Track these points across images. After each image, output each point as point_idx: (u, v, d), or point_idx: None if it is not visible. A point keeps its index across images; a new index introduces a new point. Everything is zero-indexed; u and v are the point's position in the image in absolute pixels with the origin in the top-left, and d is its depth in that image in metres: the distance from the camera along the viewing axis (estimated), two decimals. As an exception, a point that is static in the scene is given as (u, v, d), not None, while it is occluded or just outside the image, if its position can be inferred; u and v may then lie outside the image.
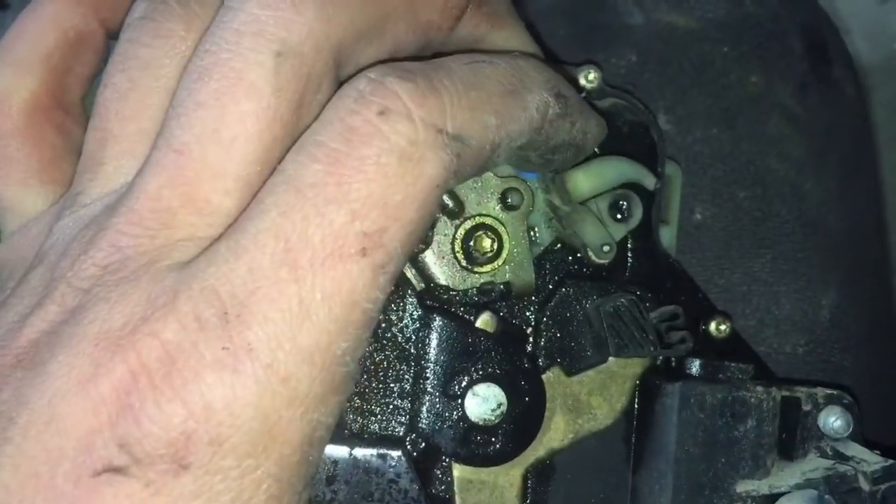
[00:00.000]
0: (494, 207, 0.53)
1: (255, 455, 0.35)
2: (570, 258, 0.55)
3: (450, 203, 0.52)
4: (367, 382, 0.51)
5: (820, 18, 0.71)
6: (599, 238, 0.54)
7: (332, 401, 0.37)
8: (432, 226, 0.53)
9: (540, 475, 0.54)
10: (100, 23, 0.50)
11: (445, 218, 0.53)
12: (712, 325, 0.59)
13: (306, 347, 0.36)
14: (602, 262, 0.55)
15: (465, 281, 0.53)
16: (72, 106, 0.51)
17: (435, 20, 0.44)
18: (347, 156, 0.37)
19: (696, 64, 0.68)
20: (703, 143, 0.67)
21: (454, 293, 0.53)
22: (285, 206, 0.37)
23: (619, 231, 0.55)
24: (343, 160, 0.37)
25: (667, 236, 0.60)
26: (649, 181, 0.56)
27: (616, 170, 0.55)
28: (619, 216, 0.56)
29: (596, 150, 0.54)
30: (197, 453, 0.35)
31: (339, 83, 0.40)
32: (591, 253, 0.54)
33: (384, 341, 0.51)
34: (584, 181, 0.54)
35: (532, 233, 0.54)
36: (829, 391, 0.58)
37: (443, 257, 0.53)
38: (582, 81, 0.57)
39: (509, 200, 0.53)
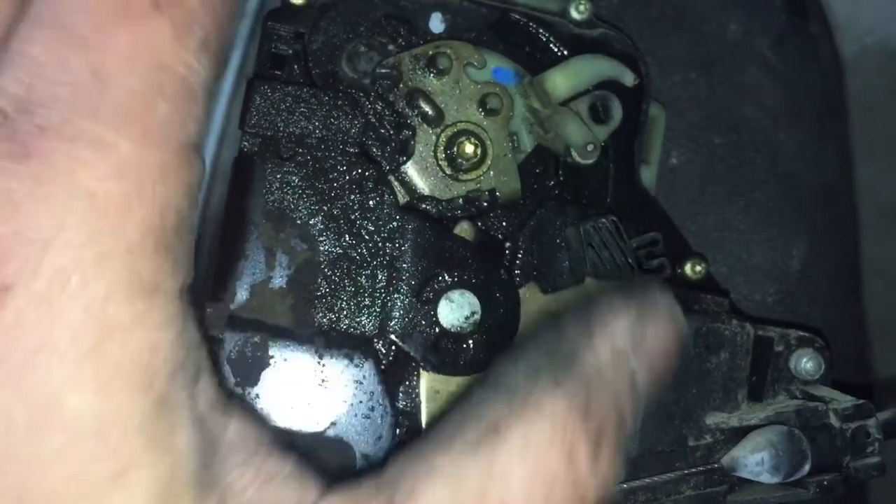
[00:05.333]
0: (475, 113, 0.52)
1: (95, 244, 0.32)
2: (552, 181, 0.54)
3: (428, 110, 0.51)
4: (339, 278, 0.50)
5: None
6: (583, 137, 0.53)
7: (174, 177, 0.33)
8: (413, 135, 0.51)
9: None
10: None
11: (425, 126, 0.51)
12: (688, 266, 0.58)
13: (114, 111, 0.32)
14: (587, 161, 0.53)
15: (449, 189, 0.52)
16: None
17: None
18: None
19: (677, 9, 0.67)
20: (681, 86, 0.66)
21: (440, 202, 0.52)
22: None
23: (601, 133, 0.54)
24: None
25: (647, 176, 0.59)
26: (627, 77, 0.55)
27: (593, 67, 0.54)
28: (599, 118, 0.54)
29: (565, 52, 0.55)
30: (18, 266, 0.31)
31: None
32: (575, 154, 0.53)
33: (357, 237, 0.50)
34: (562, 81, 0.53)
35: (514, 139, 0.53)
36: (801, 333, 0.57)
37: (426, 167, 0.51)
38: (573, 13, 0.56)
39: (489, 105, 0.52)
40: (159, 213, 0.33)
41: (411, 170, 0.51)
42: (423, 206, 0.52)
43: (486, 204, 0.52)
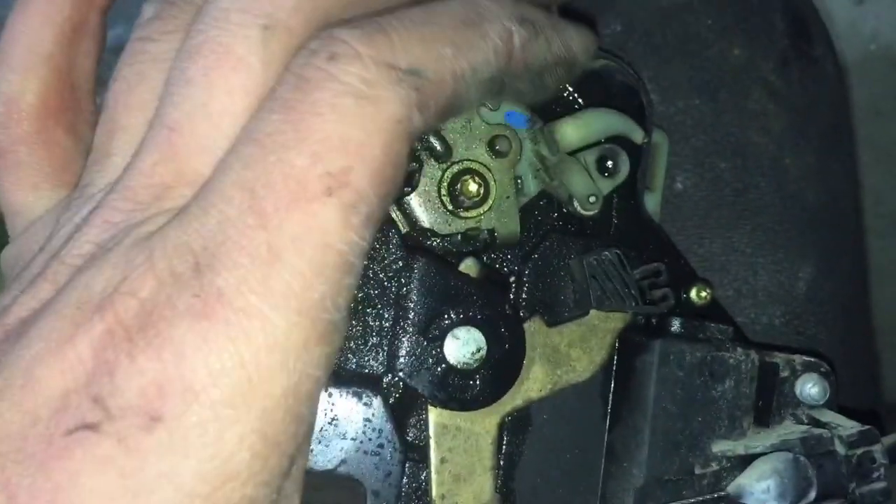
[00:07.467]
0: (482, 153, 0.53)
1: (234, 406, 0.35)
2: (555, 213, 0.55)
3: (437, 146, 0.52)
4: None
5: (802, -3, 0.72)
6: (586, 188, 0.54)
7: (316, 351, 0.37)
8: (419, 168, 0.52)
9: (516, 425, 0.54)
10: (91, 7, 0.49)
11: (433, 161, 0.52)
12: (693, 292, 0.59)
13: (279, 290, 0.35)
14: (588, 213, 0.54)
15: (449, 225, 0.53)
16: (81, 103, 0.50)
17: None
18: (301, 102, 0.37)
19: (680, 35, 0.68)
20: (686, 113, 0.67)
21: (438, 237, 0.53)
22: (247, 158, 0.37)
23: (605, 186, 0.55)
24: (297, 106, 0.37)
25: (651, 203, 0.60)
26: (637, 135, 0.56)
27: (604, 121, 0.54)
28: (606, 171, 0.55)
29: (580, 101, 0.55)
30: (170, 404, 0.34)
31: None
32: (577, 204, 0.54)
33: (365, 278, 0.51)
34: (572, 131, 0.54)
35: (518, 182, 0.54)
36: (806, 358, 0.58)
37: (428, 200, 0.52)
38: None
39: (497, 147, 0.52)
40: (293, 385, 0.36)
41: (414, 202, 0.53)
42: (421, 237, 0.53)
43: (482, 242, 0.53)
